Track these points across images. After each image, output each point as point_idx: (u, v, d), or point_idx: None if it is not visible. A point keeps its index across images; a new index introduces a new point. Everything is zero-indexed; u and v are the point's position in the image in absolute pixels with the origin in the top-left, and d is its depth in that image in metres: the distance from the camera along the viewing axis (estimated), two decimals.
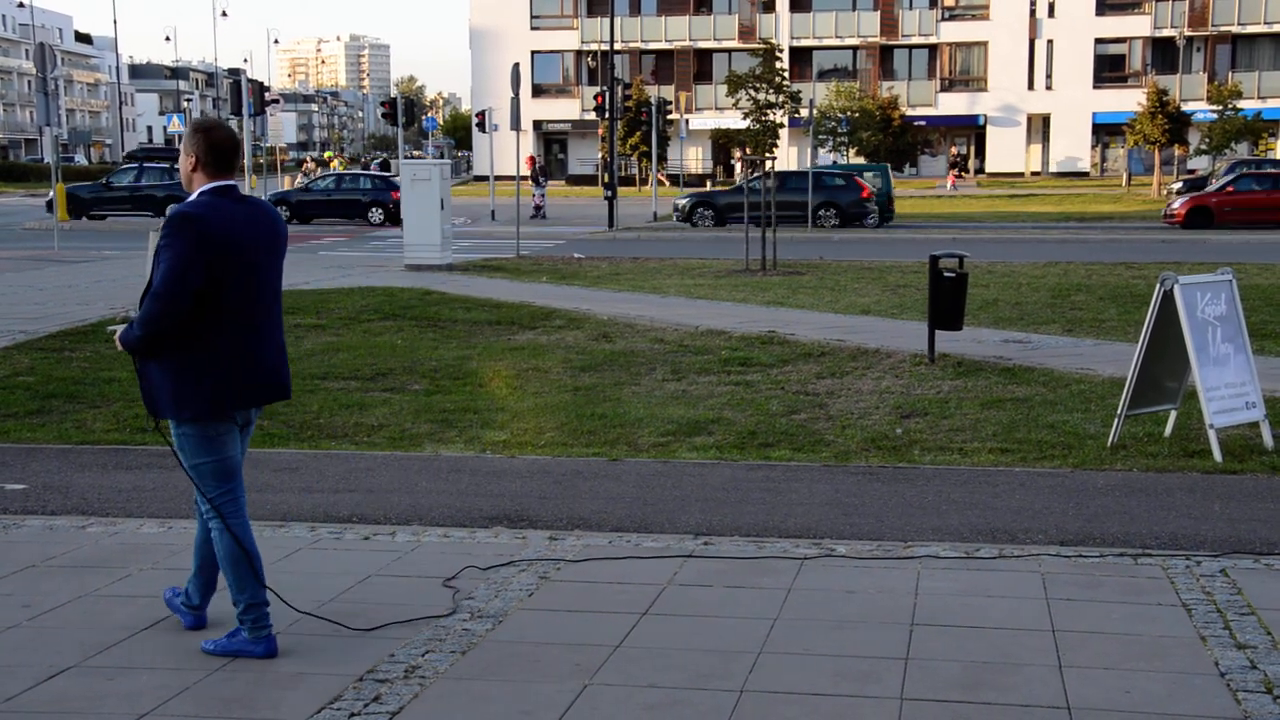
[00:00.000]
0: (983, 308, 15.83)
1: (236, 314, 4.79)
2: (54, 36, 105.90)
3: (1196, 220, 33.87)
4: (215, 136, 4.86)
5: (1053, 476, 7.87)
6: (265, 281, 4.89)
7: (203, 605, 5.19)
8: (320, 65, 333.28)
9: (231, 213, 4.79)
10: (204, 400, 4.77)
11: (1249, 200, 34.71)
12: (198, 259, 4.68)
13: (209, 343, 4.76)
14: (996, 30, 70.85)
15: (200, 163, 4.85)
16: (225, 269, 4.72)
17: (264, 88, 32.45)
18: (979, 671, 4.71)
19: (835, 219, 35.63)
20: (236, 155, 4.91)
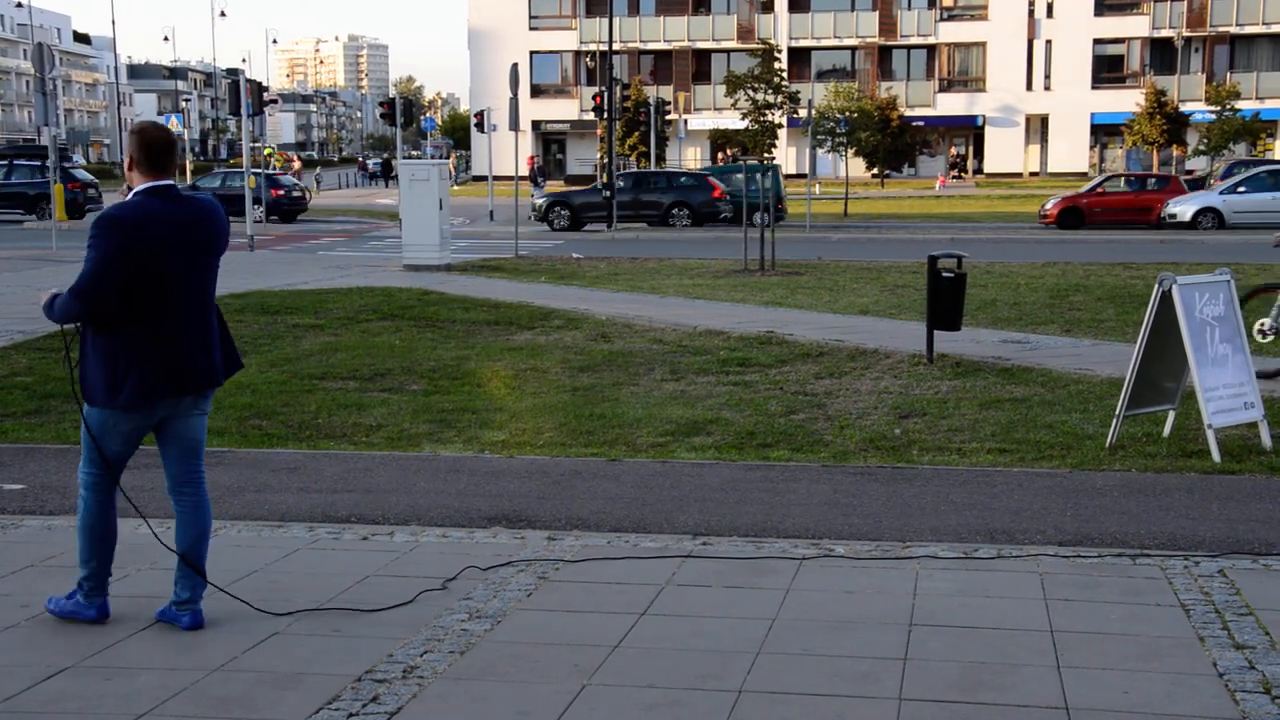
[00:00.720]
0: (981, 308, 15.84)
1: (162, 311, 4.97)
2: (52, 36, 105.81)
3: (1069, 220, 35.05)
4: (149, 137, 5.01)
5: (1051, 477, 7.87)
6: (196, 279, 5.06)
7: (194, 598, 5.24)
8: (319, 65, 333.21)
9: (160, 213, 4.94)
10: (123, 393, 4.97)
11: (1118, 201, 36.09)
12: (120, 259, 4.85)
13: (134, 337, 4.95)
14: (995, 31, 70.88)
15: (135, 162, 5.01)
16: (149, 268, 4.89)
17: (262, 88, 32.43)
18: (977, 672, 4.71)
19: (688, 218, 36.49)
20: (171, 155, 5.05)
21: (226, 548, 6.38)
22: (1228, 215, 33.63)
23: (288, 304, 16.41)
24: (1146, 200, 35.64)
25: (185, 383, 5.11)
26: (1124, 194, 36.74)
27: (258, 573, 5.93)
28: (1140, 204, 35.63)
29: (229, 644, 5.02)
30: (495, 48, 70.43)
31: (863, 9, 72.13)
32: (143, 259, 4.87)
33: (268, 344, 13.39)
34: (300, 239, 32.85)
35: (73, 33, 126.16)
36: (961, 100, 72.26)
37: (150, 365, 4.97)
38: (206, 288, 5.13)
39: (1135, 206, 35.64)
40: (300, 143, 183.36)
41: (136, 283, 4.88)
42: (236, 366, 5.43)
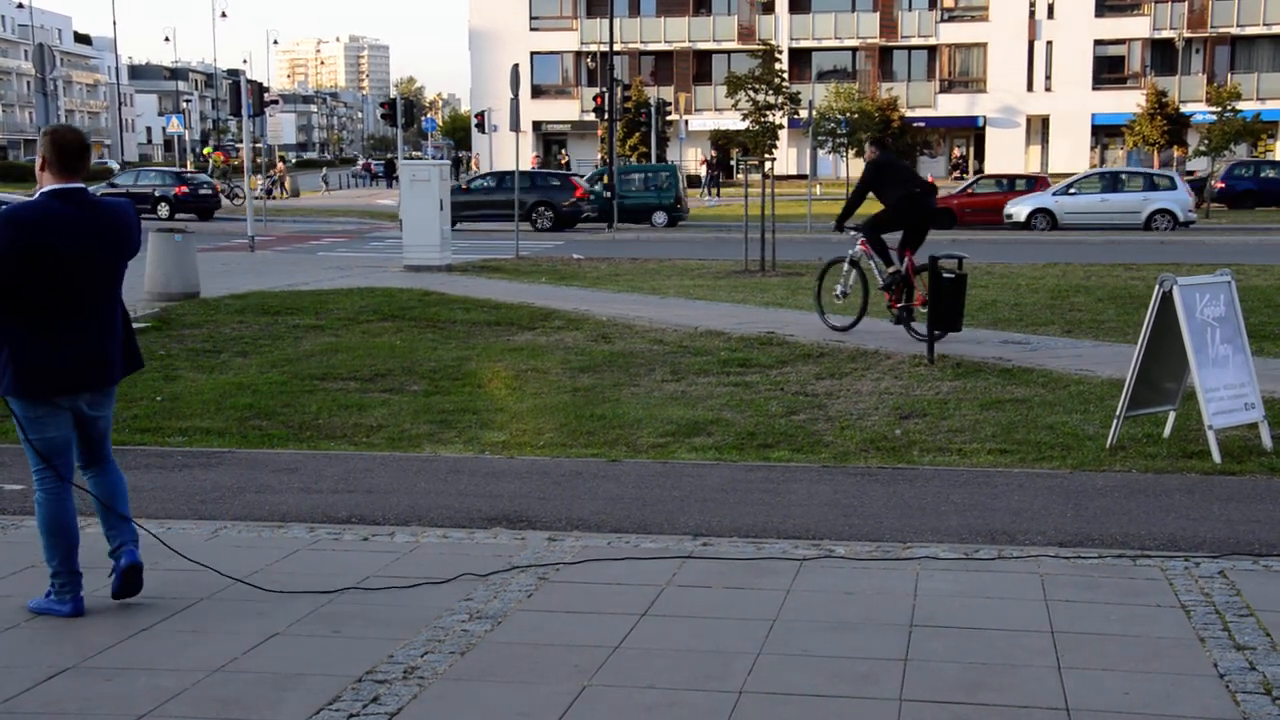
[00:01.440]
0: (982, 309, 15.83)
1: (58, 308, 5.11)
2: (53, 37, 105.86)
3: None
4: (61, 139, 5.15)
5: (1051, 477, 7.87)
6: (97, 281, 5.20)
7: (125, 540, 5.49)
8: (319, 66, 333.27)
9: (60, 215, 5.07)
10: (23, 382, 5.13)
11: (987, 202, 36.83)
12: (10, 257, 4.97)
13: (31, 330, 5.10)
14: (996, 31, 70.86)
15: (47, 163, 5.15)
16: (43, 267, 5.02)
17: (263, 88, 32.40)
18: (978, 673, 4.71)
19: (550, 218, 36.61)
20: (83, 158, 5.18)
21: (227, 548, 6.38)
22: (1060, 216, 34.64)
23: (288, 304, 16.41)
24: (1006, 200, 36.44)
25: (84, 380, 5.26)
26: (994, 194, 37.62)
27: (258, 573, 5.93)
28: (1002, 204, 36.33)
29: (229, 645, 5.01)
30: (496, 48, 70.42)
31: (863, 10, 72.11)
32: (33, 258, 4.99)
33: (268, 344, 13.39)
34: (301, 239, 32.86)
35: (74, 33, 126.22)
36: (962, 101, 72.24)
37: (43, 361, 5.12)
38: (110, 289, 5.30)
39: (1004, 207, 36.24)
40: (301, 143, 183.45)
41: (30, 281, 5.02)
42: (137, 366, 5.59)
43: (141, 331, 14.05)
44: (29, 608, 5.41)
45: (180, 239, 17.50)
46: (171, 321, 14.89)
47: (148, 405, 10.29)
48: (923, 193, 13.94)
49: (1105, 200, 34.70)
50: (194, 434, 9.29)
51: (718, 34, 72.87)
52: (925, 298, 12.80)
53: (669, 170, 40.42)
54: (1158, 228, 33.72)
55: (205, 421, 9.68)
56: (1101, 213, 34.37)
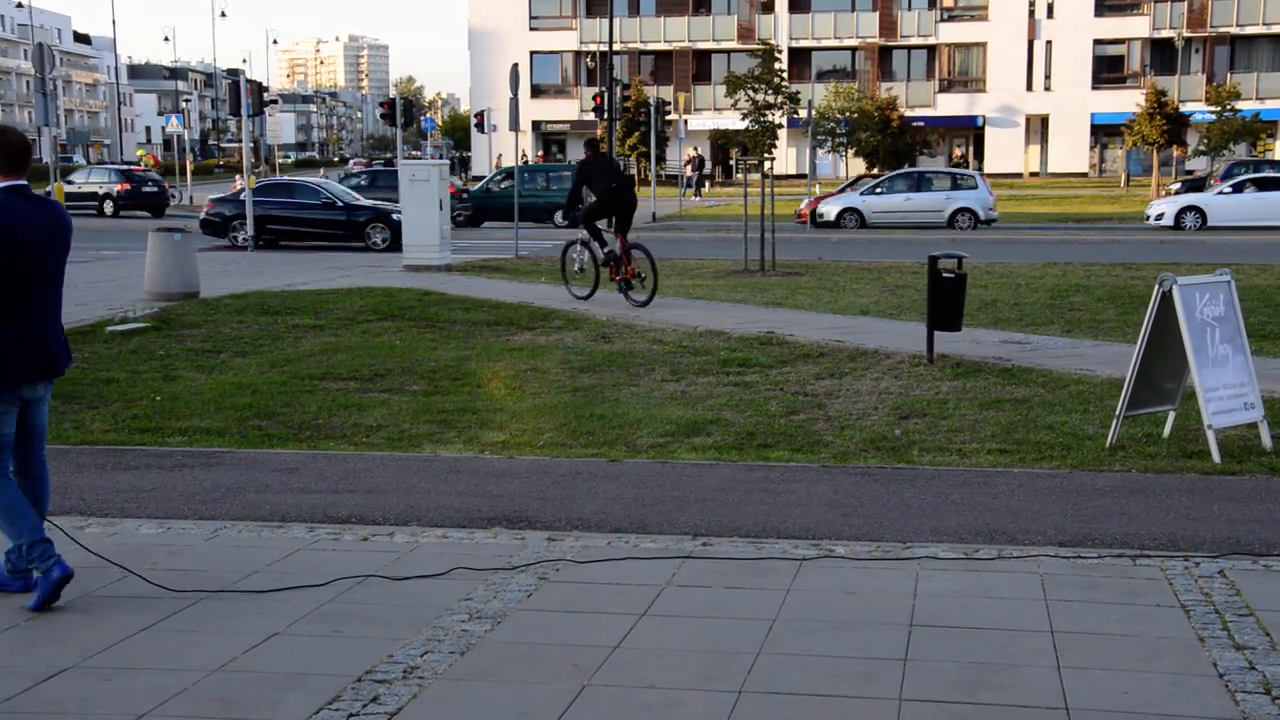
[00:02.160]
0: (981, 308, 15.84)
1: (27, 303, 5.38)
2: (53, 37, 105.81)
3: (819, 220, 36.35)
4: (8, 139, 5.40)
5: (1051, 477, 7.87)
6: (51, 273, 5.48)
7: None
8: (319, 66, 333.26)
9: (25, 211, 5.37)
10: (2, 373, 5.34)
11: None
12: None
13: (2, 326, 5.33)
14: (995, 31, 70.90)
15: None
16: (17, 264, 5.29)
17: (263, 88, 32.42)
18: (978, 672, 4.72)
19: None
20: (29, 157, 5.46)
21: (227, 548, 6.38)
22: (868, 215, 35.64)
23: (288, 304, 16.41)
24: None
25: (47, 369, 5.53)
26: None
27: (258, 573, 5.93)
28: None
29: (229, 645, 5.02)
30: (496, 48, 70.48)
31: (863, 9, 72.15)
32: (13, 253, 5.27)
33: (268, 344, 13.39)
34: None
35: (73, 33, 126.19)
36: (962, 101, 72.27)
37: (17, 352, 5.37)
38: (58, 281, 5.57)
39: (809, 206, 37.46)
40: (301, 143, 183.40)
41: (4, 276, 5.26)
42: (69, 359, 5.77)
43: (141, 331, 14.06)
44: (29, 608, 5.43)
45: (179, 238, 17.49)
46: (171, 321, 14.88)
47: (147, 405, 10.29)
48: (620, 186, 17.14)
49: (909, 199, 35.85)
50: (194, 434, 9.29)
51: (717, 33, 72.90)
52: (635, 271, 16.83)
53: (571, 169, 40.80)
54: (960, 226, 34.95)
55: (205, 421, 9.68)
56: (906, 211, 35.55)
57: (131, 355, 12.67)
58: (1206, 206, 34.25)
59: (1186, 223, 33.99)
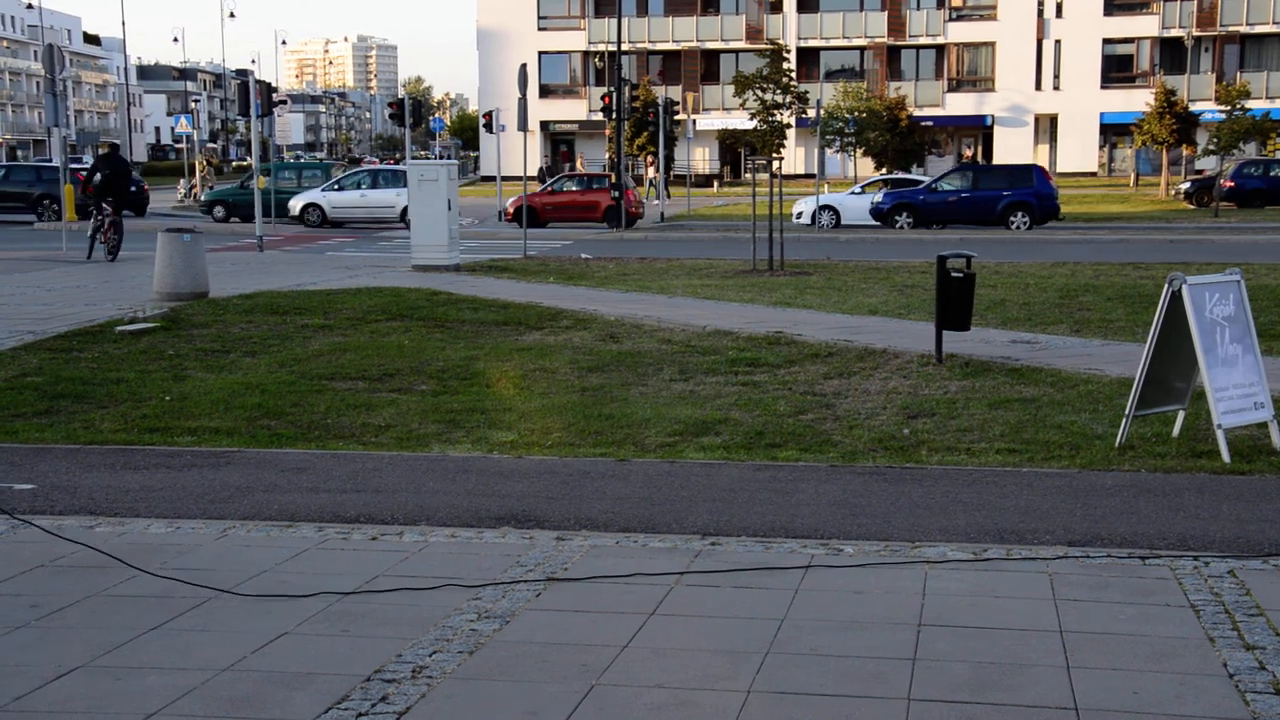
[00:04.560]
0: (990, 308, 15.82)
1: None
2: (62, 38, 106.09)
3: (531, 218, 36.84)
4: None
5: (1060, 477, 7.86)
6: None
7: None
8: (328, 66, 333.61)
9: None
10: None
11: (566, 200, 38.21)
12: None
13: None
14: (1004, 30, 70.79)
15: None
16: None
17: (272, 89, 32.42)
18: (987, 672, 4.71)
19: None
20: None
21: (235, 548, 6.39)
22: (329, 211, 37.50)
23: (296, 304, 16.43)
24: (591, 199, 37.86)
25: None
26: (572, 193, 38.87)
27: (267, 573, 5.94)
28: (585, 203, 37.87)
29: (238, 644, 5.02)
30: (504, 48, 70.51)
31: (871, 9, 72.08)
32: None
33: (277, 344, 13.41)
34: (309, 239, 32.88)
35: (83, 34, 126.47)
36: (970, 100, 72.18)
37: None
38: None
39: (580, 205, 37.95)
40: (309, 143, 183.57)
41: None
42: None
43: (150, 331, 14.08)
44: None
45: (189, 239, 17.52)
46: (180, 321, 14.91)
47: (157, 405, 10.31)
48: (115, 174, 23.98)
49: (365, 196, 37.39)
50: (203, 434, 9.30)
51: (725, 33, 72.87)
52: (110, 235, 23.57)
53: (322, 168, 42.75)
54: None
55: (214, 421, 9.69)
56: (364, 207, 37.29)
57: (141, 355, 12.69)
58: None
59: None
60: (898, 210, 35.35)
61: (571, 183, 40.02)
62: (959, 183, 36.32)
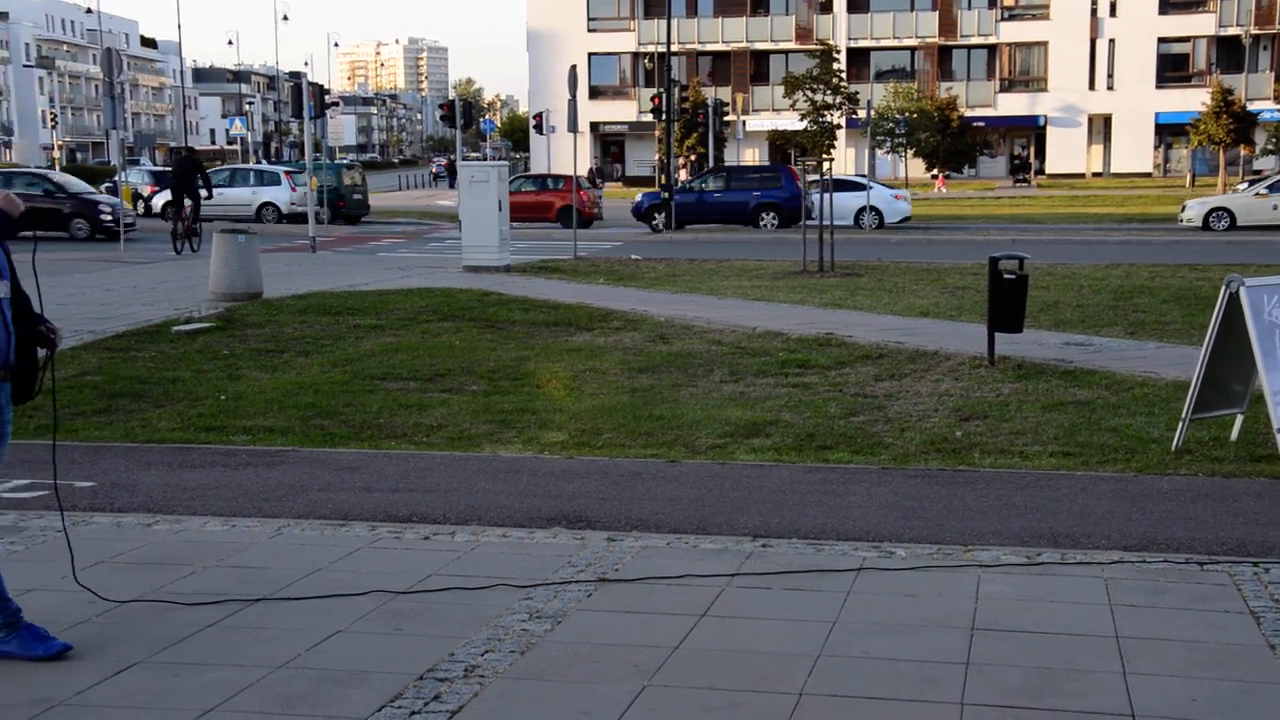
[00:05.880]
0: (1043, 310, 15.68)
1: None
2: (120, 42, 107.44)
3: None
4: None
5: (1115, 481, 7.78)
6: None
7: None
8: (379, 68, 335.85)
9: None
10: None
11: (524, 201, 37.84)
12: None
13: None
14: (1057, 30, 70.13)
15: None
16: None
17: (324, 90, 32.70)
18: (1041, 677, 4.67)
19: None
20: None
21: (289, 546, 6.45)
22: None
23: (349, 305, 16.55)
24: (545, 199, 38.62)
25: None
26: (528, 193, 39.22)
27: (320, 571, 5.99)
28: (540, 204, 38.47)
29: (293, 642, 5.07)
30: (554, 49, 70.65)
31: (922, 9, 71.63)
32: None
33: (329, 344, 13.52)
34: (361, 240, 33.13)
35: (140, 37, 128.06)
36: (1023, 100, 71.57)
37: None
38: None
39: (537, 205, 38.33)
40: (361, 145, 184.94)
41: None
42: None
43: (205, 331, 14.24)
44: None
45: (243, 240, 17.70)
46: (235, 321, 15.06)
47: (212, 404, 10.42)
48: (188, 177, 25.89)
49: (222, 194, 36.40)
50: (258, 433, 9.39)
51: (775, 34, 72.66)
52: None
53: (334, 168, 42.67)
54: (266, 219, 37.59)
55: (268, 420, 9.79)
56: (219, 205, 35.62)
57: (197, 355, 12.83)
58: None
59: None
60: (655, 210, 36.38)
61: (529, 183, 40.78)
62: (714, 184, 37.48)
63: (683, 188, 37.51)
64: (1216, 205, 34.14)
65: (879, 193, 36.30)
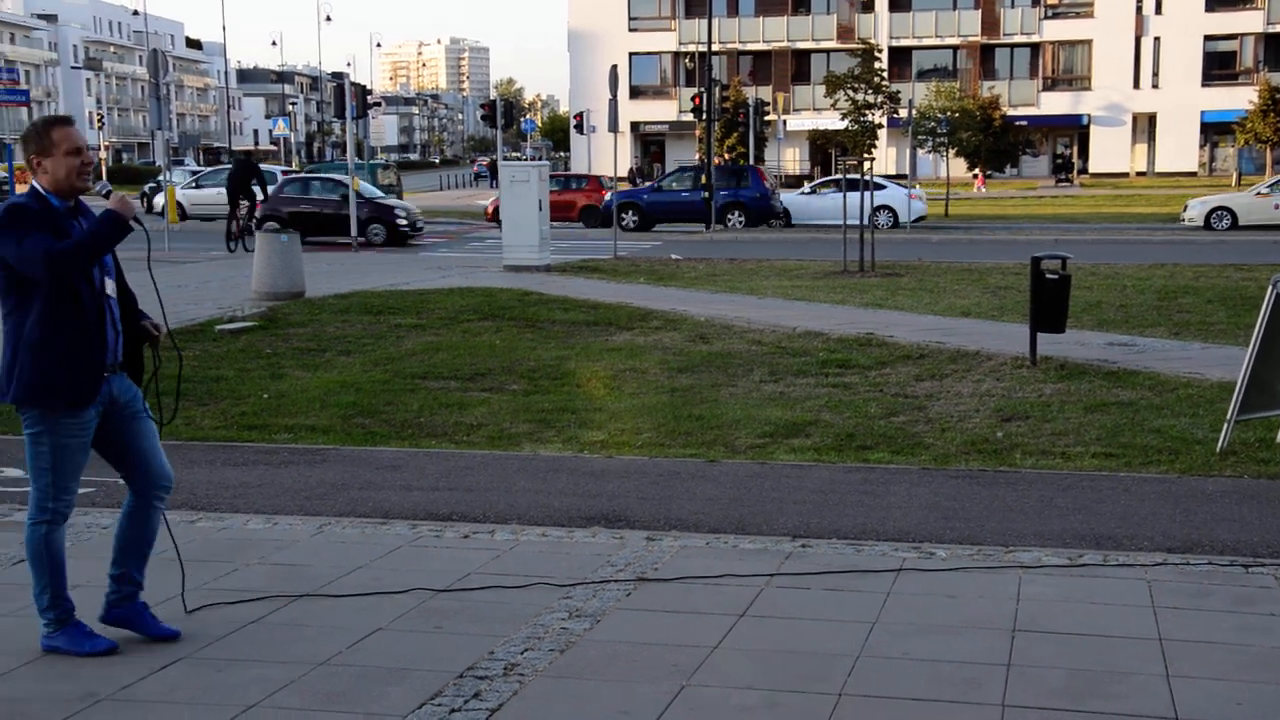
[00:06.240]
0: (1086, 310, 15.56)
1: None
2: (166, 43, 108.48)
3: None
4: None
5: (1159, 482, 7.71)
6: None
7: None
8: (421, 68, 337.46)
9: None
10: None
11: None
12: None
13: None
14: (1101, 28, 69.58)
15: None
16: None
17: (366, 91, 32.93)
18: (1084, 679, 4.64)
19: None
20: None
21: (330, 544, 6.49)
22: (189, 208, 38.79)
23: (390, 304, 16.64)
24: (569, 198, 38.71)
25: None
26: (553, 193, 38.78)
27: (361, 569, 6.03)
28: (563, 203, 37.74)
29: (334, 639, 5.10)
30: (595, 49, 70.74)
31: (965, 8, 71.26)
32: None
33: (371, 343, 13.60)
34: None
35: (185, 39, 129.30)
36: (1066, 99, 71.05)
37: None
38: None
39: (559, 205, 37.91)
40: (403, 144, 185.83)
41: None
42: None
43: (249, 330, 14.36)
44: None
45: (286, 239, 17.84)
46: (278, 321, 15.18)
47: (255, 403, 10.51)
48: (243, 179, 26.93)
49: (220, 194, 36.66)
50: (300, 431, 9.46)
51: (816, 33, 72.48)
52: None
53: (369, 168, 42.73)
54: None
55: (310, 419, 9.86)
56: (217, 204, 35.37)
57: (240, 354, 12.94)
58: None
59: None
60: (624, 209, 36.38)
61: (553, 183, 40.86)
62: (681, 184, 37.63)
63: (652, 187, 37.72)
64: (1218, 205, 33.94)
65: (893, 192, 36.21)
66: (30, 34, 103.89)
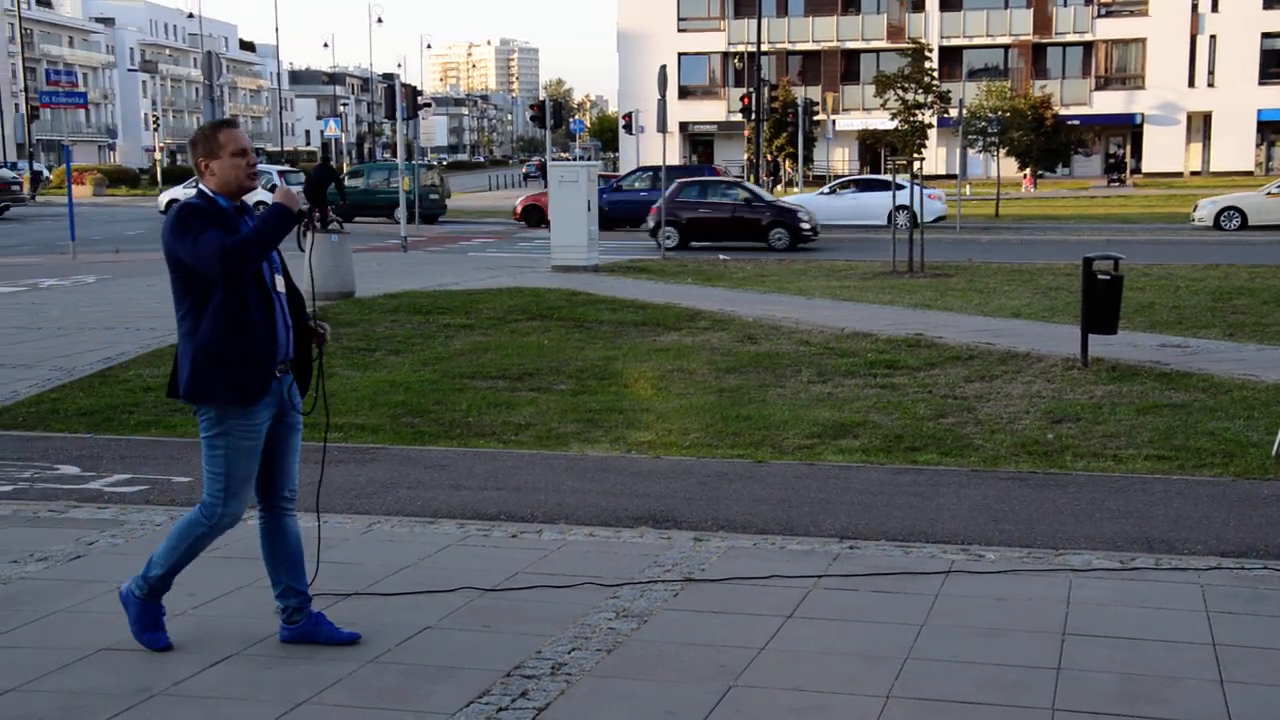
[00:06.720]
0: (1138, 311, 15.40)
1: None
2: (220, 45, 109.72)
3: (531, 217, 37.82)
4: None
5: (1213, 485, 7.62)
6: None
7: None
8: (471, 69, 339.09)
9: None
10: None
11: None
12: None
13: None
14: (1155, 26, 68.78)
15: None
16: None
17: (417, 92, 33.08)
18: (1135, 684, 4.59)
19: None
20: None
21: (379, 543, 6.54)
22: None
23: (439, 304, 16.73)
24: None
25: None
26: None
27: (410, 567, 6.07)
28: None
29: (383, 637, 5.14)
30: (644, 49, 70.76)
31: (1016, 6, 70.69)
32: None
33: (420, 343, 13.68)
34: (451, 240, 33.47)
35: (239, 41, 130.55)
36: (1119, 98, 70.30)
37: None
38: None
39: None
40: (452, 145, 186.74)
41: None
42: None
43: None
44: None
45: (336, 239, 17.97)
46: (328, 320, 15.26)
47: (305, 402, 10.56)
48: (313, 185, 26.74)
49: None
50: (349, 430, 9.52)
51: (866, 33, 72.15)
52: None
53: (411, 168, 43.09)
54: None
55: (360, 418, 9.92)
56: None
57: None
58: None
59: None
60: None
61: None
62: (641, 183, 37.54)
63: (611, 187, 37.57)
64: (1228, 205, 33.57)
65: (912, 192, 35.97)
66: (88, 37, 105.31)
